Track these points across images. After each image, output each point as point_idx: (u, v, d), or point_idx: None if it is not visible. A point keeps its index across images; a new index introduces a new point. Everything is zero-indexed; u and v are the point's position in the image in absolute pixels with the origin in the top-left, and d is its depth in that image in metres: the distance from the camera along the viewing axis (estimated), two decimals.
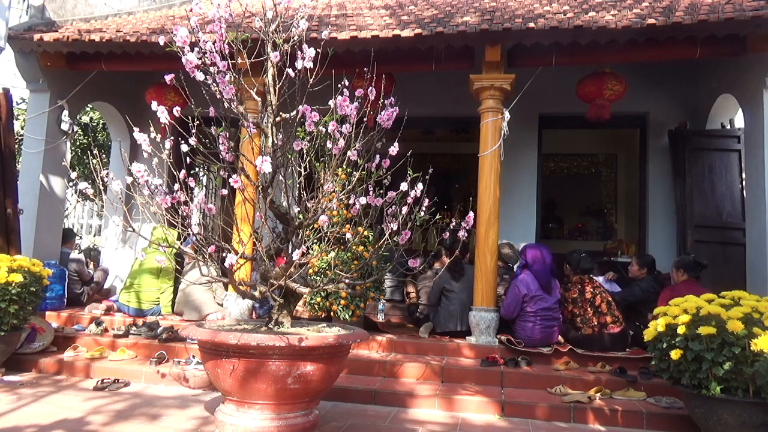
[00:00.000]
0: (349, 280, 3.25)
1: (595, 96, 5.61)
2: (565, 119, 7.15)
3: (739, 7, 4.69)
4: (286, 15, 3.12)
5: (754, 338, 2.96)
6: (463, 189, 10.08)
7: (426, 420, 3.70)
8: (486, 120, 5.15)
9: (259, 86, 3.38)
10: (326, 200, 3.05)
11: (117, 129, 7.70)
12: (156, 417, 3.51)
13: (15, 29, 5.97)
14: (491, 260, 4.98)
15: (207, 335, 2.86)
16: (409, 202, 2.96)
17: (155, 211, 2.89)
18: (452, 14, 5.55)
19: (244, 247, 2.91)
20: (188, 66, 2.77)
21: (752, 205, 5.27)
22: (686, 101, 6.77)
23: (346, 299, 4.96)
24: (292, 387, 2.82)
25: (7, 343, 4.36)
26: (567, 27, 4.77)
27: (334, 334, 2.99)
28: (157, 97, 6.00)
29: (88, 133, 10.48)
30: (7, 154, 5.27)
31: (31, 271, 4.48)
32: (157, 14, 7.13)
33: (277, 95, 3.07)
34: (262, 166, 2.64)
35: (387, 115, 2.89)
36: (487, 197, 5.05)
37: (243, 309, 5.31)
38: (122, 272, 7.14)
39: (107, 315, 5.70)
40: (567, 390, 4.08)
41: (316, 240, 3.39)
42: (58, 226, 6.57)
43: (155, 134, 2.98)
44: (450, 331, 5.13)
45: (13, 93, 5.60)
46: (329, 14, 6.10)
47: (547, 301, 4.78)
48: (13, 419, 3.32)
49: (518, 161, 6.70)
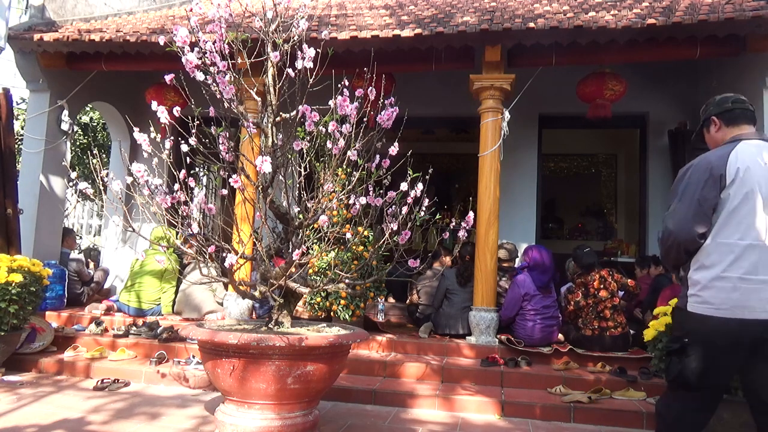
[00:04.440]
0: (349, 280, 3.25)
1: (595, 96, 5.61)
2: (565, 119, 7.15)
3: (739, 7, 4.69)
4: (286, 15, 3.12)
5: None
6: (463, 189, 10.08)
7: (426, 420, 3.70)
8: (486, 120, 5.15)
9: (259, 86, 3.38)
10: (326, 200, 3.05)
11: (117, 129, 7.70)
12: (156, 416, 3.51)
13: (15, 29, 5.97)
14: (491, 260, 4.98)
15: (207, 335, 2.86)
16: (409, 202, 2.96)
17: (155, 211, 2.89)
18: (452, 14, 5.55)
19: (244, 247, 2.91)
20: (188, 66, 2.77)
21: None
22: (686, 101, 6.77)
23: (346, 299, 4.96)
24: (292, 387, 2.82)
25: (7, 343, 4.36)
26: (567, 27, 4.77)
27: (334, 334, 2.99)
28: (157, 97, 6.00)
29: (88, 133, 10.49)
30: (7, 154, 5.27)
31: (31, 271, 4.48)
32: (157, 14, 7.13)
33: (277, 95, 3.07)
34: (262, 166, 2.64)
35: (387, 115, 2.89)
36: (487, 197, 5.05)
37: (243, 309, 5.31)
38: (122, 272, 7.14)
39: (107, 315, 5.70)
40: (567, 390, 4.08)
41: (316, 240, 3.39)
42: (58, 226, 6.57)
43: (155, 134, 2.98)
44: (450, 333, 5.13)
45: (13, 93, 5.60)
46: (329, 14, 6.11)
47: (547, 300, 4.78)
48: (13, 419, 3.32)
49: (518, 161, 6.70)
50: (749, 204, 2.18)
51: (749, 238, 2.17)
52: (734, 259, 2.17)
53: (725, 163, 2.22)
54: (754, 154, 2.24)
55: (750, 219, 2.18)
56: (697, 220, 2.23)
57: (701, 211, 2.22)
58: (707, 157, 2.31)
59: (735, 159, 2.23)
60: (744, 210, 2.19)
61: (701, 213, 2.22)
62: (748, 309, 2.14)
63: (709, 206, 2.22)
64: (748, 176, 2.19)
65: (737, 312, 2.15)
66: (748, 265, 2.15)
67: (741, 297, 2.15)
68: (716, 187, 2.22)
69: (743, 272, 2.15)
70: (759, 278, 2.14)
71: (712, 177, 2.23)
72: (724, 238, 2.20)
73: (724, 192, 2.21)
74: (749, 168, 2.21)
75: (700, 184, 2.24)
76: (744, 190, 2.19)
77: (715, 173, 2.22)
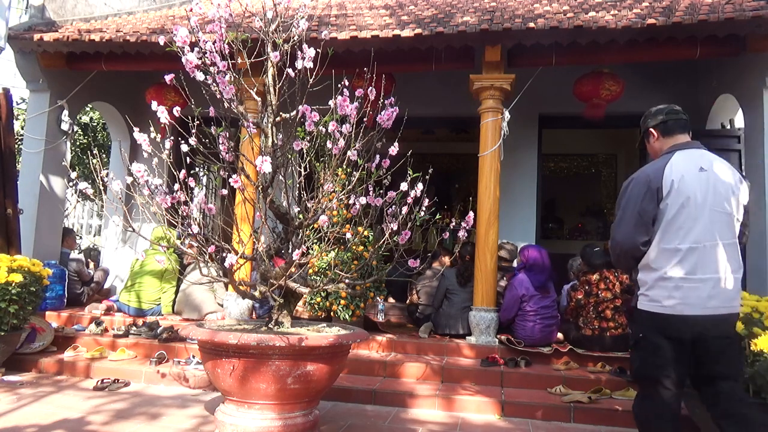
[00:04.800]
0: (349, 280, 3.25)
1: (591, 96, 5.61)
2: (565, 119, 7.15)
3: (739, 7, 4.69)
4: (286, 15, 3.12)
5: (754, 338, 2.96)
6: (463, 189, 10.08)
7: (426, 420, 3.70)
8: (486, 120, 5.15)
9: (259, 86, 3.38)
10: (326, 200, 3.05)
11: (117, 129, 7.70)
12: (156, 416, 3.51)
13: (15, 29, 5.97)
14: (491, 260, 4.98)
15: (207, 335, 2.86)
16: (409, 202, 2.96)
17: (155, 211, 2.89)
18: (452, 14, 5.55)
19: (244, 247, 2.91)
20: (188, 66, 2.77)
21: (752, 205, 5.26)
22: (686, 101, 6.74)
23: (346, 299, 4.96)
24: (293, 387, 2.82)
25: (7, 343, 4.36)
26: (567, 27, 4.77)
27: (334, 334, 2.99)
28: (157, 97, 5.99)
29: (88, 133, 10.49)
30: (7, 154, 5.27)
31: (31, 271, 4.48)
32: (157, 14, 7.13)
33: (277, 95, 3.07)
34: (262, 166, 2.64)
35: (387, 115, 2.89)
36: (487, 197, 5.05)
37: (243, 309, 5.31)
38: (122, 272, 7.14)
39: (107, 315, 5.70)
40: (567, 390, 4.08)
41: (316, 240, 3.39)
42: (58, 226, 6.57)
43: (155, 134, 2.98)
44: (450, 333, 5.13)
45: (13, 93, 5.60)
46: (329, 14, 6.11)
47: (546, 300, 4.78)
48: (13, 419, 3.32)
49: (518, 161, 6.70)
50: (686, 212, 2.39)
51: (688, 242, 2.38)
52: (676, 262, 2.39)
53: (661, 176, 2.44)
54: (688, 163, 2.46)
55: (688, 225, 2.39)
56: (638, 230, 2.46)
57: (642, 222, 2.45)
58: (645, 171, 2.53)
59: (670, 171, 2.44)
60: (681, 218, 2.40)
61: (642, 224, 2.45)
62: (689, 306, 2.36)
63: (649, 217, 2.44)
64: (683, 186, 2.40)
65: (679, 308, 2.37)
66: (688, 266, 2.37)
67: (683, 295, 2.37)
68: (654, 200, 2.44)
69: (684, 273, 2.38)
70: (697, 278, 2.36)
71: (650, 190, 2.45)
72: (666, 244, 2.42)
73: (662, 203, 2.43)
74: (683, 177, 2.42)
75: (640, 197, 2.46)
76: (680, 200, 2.40)
77: (652, 186, 2.44)
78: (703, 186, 2.41)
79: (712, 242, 2.38)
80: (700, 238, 2.38)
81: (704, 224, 2.39)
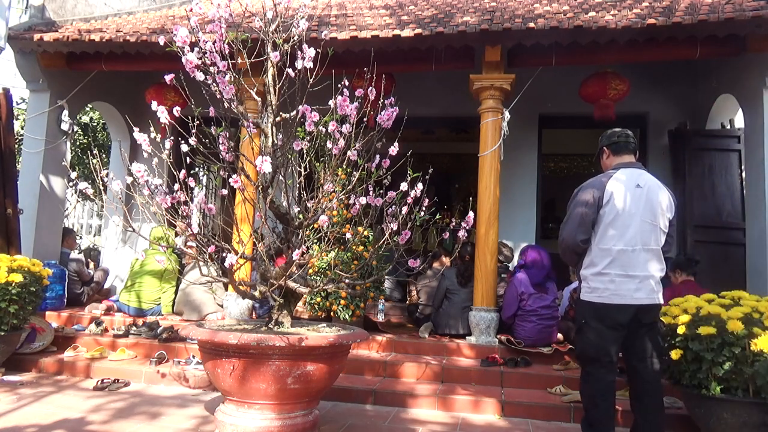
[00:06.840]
0: (349, 280, 3.25)
1: (599, 96, 5.59)
2: (565, 119, 7.15)
3: (739, 7, 4.69)
4: (286, 15, 3.12)
5: (754, 338, 2.97)
6: (463, 189, 10.07)
7: (426, 420, 3.70)
8: (486, 120, 5.15)
9: (259, 86, 3.38)
10: (326, 200, 3.05)
11: (117, 129, 7.70)
12: (156, 416, 3.51)
13: (15, 29, 5.97)
14: (491, 260, 4.98)
15: (207, 335, 2.86)
16: (409, 202, 2.97)
17: (155, 211, 2.89)
18: (452, 14, 5.55)
19: (244, 247, 2.91)
20: (188, 66, 2.77)
21: (752, 205, 5.27)
22: (686, 101, 6.77)
23: (346, 299, 4.96)
24: (292, 387, 2.82)
25: (7, 343, 4.36)
26: (567, 27, 4.77)
27: (334, 334, 2.99)
28: (157, 97, 5.99)
29: (88, 133, 10.49)
30: (7, 154, 5.27)
31: (31, 271, 4.48)
32: (157, 14, 7.13)
33: (277, 95, 3.07)
34: (262, 166, 2.64)
35: (387, 115, 2.89)
36: (487, 197, 5.05)
37: (243, 309, 5.31)
38: (122, 272, 7.14)
39: (107, 315, 5.70)
40: (567, 390, 4.07)
41: (316, 240, 3.39)
42: (58, 226, 6.57)
43: (155, 134, 2.98)
44: (450, 333, 5.13)
45: (13, 93, 5.60)
46: (329, 14, 6.11)
47: (545, 300, 4.78)
48: (13, 419, 3.32)
49: (518, 161, 6.69)
50: (620, 220, 2.93)
51: (620, 244, 2.92)
52: (611, 260, 2.93)
53: (604, 187, 2.98)
54: (629, 179, 2.99)
55: (621, 231, 2.93)
56: (580, 230, 3.01)
57: (583, 223, 3.00)
58: (592, 182, 3.08)
59: (611, 185, 2.97)
60: (616, 224, 2.93)
61: (583, 225, 3.00)
62: (621, 296, 2.90)
63: (590, 220, 2.99)
64: (620, 198, 2.94)
65: (614, 298, 2.91)
66: (620, 264, 2.91)
67: (616, 287, 2.91)
68: (595, 207, 2.98)
69: (617, 269, 2.91)
70: (628, 274, 2.91)
71: (593, 198, 2.98)
72: (603, 245, 2.96)
73: (601, 210, 2.97)
74: (621, 191, 2.95)
75: (584, 203, 3.00)
76: (616, 210, 2.93)
77: (595, 195, 2.98)
78: (637, 200, 2.93)
79: (639, 246, 2.90)
80: (630, 242, 2.90)
81: (634, 231, 2.91)
